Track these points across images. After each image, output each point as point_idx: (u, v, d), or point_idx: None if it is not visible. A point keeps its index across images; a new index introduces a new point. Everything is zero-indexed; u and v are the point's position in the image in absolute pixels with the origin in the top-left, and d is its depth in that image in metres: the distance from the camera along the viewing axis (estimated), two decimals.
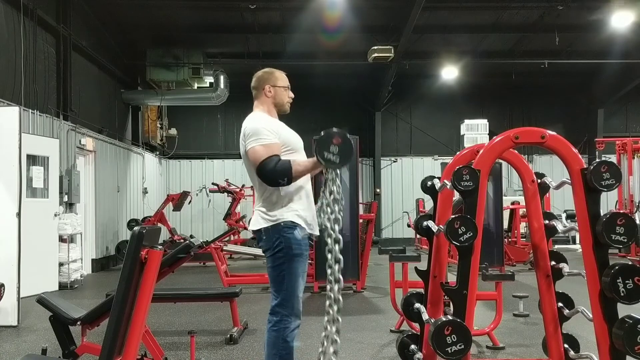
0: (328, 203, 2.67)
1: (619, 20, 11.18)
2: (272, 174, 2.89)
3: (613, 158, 11.94)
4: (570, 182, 2.57)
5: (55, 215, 8.17)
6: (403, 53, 12.28)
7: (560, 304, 2.91)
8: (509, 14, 11.63)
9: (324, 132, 2.71)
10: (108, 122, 11.97)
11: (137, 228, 2.57)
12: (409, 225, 14.21)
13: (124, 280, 2.53)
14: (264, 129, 2.99)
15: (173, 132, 15.58)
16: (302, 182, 3.01)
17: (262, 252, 3.16)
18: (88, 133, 10.32)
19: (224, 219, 13.46)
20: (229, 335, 4.91)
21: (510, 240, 11.22)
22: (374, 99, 15.87)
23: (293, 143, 3.10)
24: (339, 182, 2.70)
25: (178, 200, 13.02)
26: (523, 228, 11.52)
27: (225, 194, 13.79)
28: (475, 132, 13.15)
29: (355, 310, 6.36)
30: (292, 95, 3.27)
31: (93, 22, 11.23)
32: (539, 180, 3.01)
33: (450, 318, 2.51)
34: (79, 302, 6.35)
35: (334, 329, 2.58)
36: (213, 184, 13.60)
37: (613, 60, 13.85)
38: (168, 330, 5.46)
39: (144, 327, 2.98)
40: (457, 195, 2.98)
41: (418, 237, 13.69)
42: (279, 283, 3.00)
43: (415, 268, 3.42)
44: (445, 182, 2.97)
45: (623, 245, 2.41)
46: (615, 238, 2.36)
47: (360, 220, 8.17)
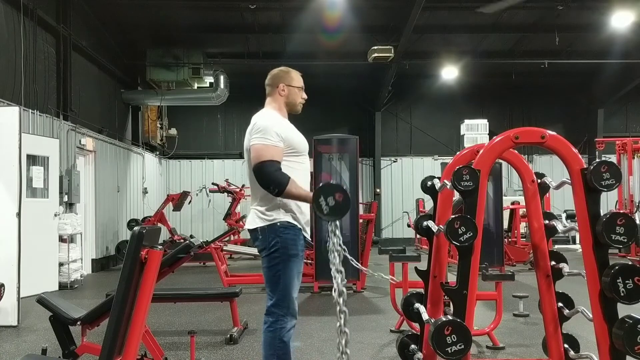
0: (331, 251, 2.62)
1: (619, 20, 11.16)
2: (267, 177, 2.89)
3: (613, 158, 11.94)
4: (570, 182, 2.56)
5: (55, 215, 8.17)
6: (403, 53, 12.27)
7: (560, 304, 2.90)
8: (509, 14, 11.61)
9: (334, 183, 2.69)
10: (108, 122, 11.97)
11: (137, 228, 2.56)
12: (409, 225, 14.20)
13: (124, 280, 2.53)
14: (273, 131, 2.98)
15: (173, 132, 15.58)
16: (301, 183, 3.00)
17: (257, 251, 3.14)
18: (88, 133, 10.32)
19: (224, 219, 13.47)
20: (229, 335, 4.91)
21: (510, 240, 11.21)
22: (374, 99, 15.86)
23: (298, 146, 3.10)
24: (339, 233, 2.64)
25: (178, 200, 13.02)
26: (523, 228, 11.51)
27: (225, 194, 13.78)
28: (475, 132, 13.17)
29: (356, 310, 6.36)
30: (305, 97, 3.26)
31: (93, 22, 11.23)
32: (539, 180, 3.01)
33: (450, 318, 2.50)
34: (79, 302, 6.35)
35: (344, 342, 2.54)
36: (213, 184, 13.59)
37: (613, 60, 13.85)
38: (168, 330, 5.46)
39: (144, 327, 2.98)
40: (457, 195, 2.97)
41: (418, 237, 13.68)
42: (275, 283, 2.99)
43: (415, 268, 3.41)
44: (445, 182, 2.96)
45: (623, 245, 2.41)
46: (615, 238, 2.36)
47: (360, 220, 8.18)
